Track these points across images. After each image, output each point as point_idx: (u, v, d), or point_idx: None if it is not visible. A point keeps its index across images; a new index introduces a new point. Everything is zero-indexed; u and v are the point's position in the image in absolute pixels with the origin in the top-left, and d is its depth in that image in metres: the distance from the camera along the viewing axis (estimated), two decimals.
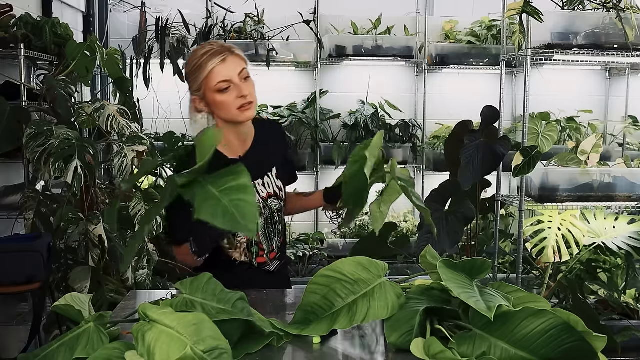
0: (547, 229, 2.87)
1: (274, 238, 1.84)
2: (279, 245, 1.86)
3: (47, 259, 2.41)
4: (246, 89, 1.66)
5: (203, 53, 1.65)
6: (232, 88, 1.65)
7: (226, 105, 1.66)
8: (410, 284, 1.41)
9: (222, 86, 1.64)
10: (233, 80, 1.65)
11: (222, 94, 1.65)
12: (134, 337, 1.12)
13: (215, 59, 1.63)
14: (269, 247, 1.83)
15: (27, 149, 2.37)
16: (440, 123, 4.43)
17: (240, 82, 1.66)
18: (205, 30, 4.01)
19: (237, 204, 1.14)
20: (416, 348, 1.18)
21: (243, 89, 1.65)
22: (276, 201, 1.83)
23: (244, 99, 1.65)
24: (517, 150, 2.82)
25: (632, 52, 2.87)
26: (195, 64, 1.66)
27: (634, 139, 4.50)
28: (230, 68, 1.65)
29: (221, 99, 1.66)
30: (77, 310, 1.28)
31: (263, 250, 1.82)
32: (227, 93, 1.65)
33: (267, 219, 1.81)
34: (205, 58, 1.64)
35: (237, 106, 1.66)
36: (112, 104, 2.64)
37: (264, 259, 1.82)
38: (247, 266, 1.80)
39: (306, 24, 4.14)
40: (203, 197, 1.17)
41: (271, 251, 1.84)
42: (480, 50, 4.32)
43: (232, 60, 1.66)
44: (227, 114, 1.68)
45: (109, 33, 4.32)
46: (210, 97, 1.67)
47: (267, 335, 1.27)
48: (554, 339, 1.09)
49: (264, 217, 1.80)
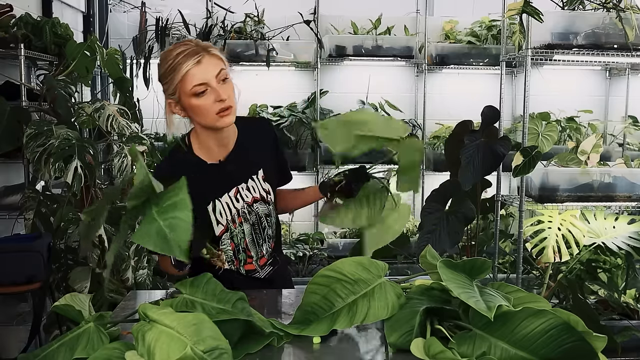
0: (547, 229, 2.87)
1: (263, 244, 1.76)
2: (269, 251, 1.78)
3: (47, 259, 2.41)
4: (224, 92, 1.54)
5: (177, 53, 1.52)
6: (209, 91, 1.53)
7: (203, 109, 1.54)
8: (410, 284, 1.41)
9: (198, 89, 1.52)
10: (210, 84, 1.53)
11: (199, 97, 1.53)
12: (134, 337, 1.12)
13: (190, 60, 1.50)
14: (257, 253, 1.75)
15: (27, 149, 2.37)
16: (440, 123, 4.43)
17: (217, 84, 1.53)
18: (205, 30, 4.02)
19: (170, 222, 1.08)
20: (416, 348, 1.18)
21: (221, 93, 1.53)
22: (263, 205, 1.73)
23: (222, 103, 1.53)
24: (517, 150, 2.82)
25: (632, 52, 2.87)
26: (169, 66, 1.53)
27: (634, 139, 4.50)
28: (207, 70, 1.52)
29: (197, 104, 1.54)
30: (77, 310, 1.28)
31: (251, 257, 1.74)
32: (203, 97, 1.53)
33: (253, 225, 1.73)
34: (179, 59, 1.51)
35: (215, 111, 1.54)
36: (112, 104, 2.64)
37: (253, 266, 1.75)
38: (235, 274, 1.73)
39: (306, 24, 4.14)
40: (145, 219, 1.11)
41: (260, 257, 1.76)
42: (480, 50, 4.32)
43: (209, 60, 1.53)
44: (205, 119, 1.57)
45: (109, 33, 4.32)
46: (186, 101, 1.55)
47: (267, 335, 1.27)
48: (554, 339, 1.09)
49: (250, 223, 1.72)
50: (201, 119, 1.58)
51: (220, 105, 1.54)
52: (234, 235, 1.70)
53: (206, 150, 1.66)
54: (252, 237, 1.73)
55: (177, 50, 1.54)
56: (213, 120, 1.56)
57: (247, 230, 1.72)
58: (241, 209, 1.69)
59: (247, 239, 1.72)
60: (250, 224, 1.72)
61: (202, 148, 1.66)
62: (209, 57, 1.54)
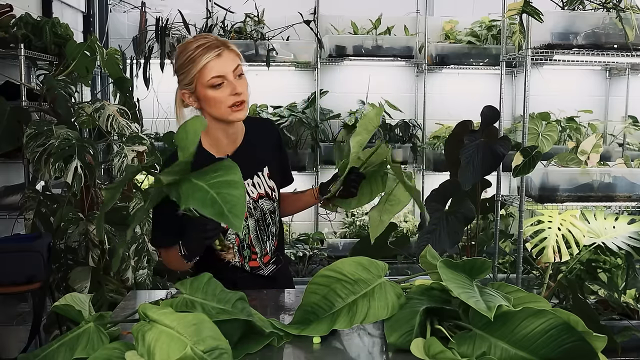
0: (547, 229, 2.87)
1: (267, 241, 1.78)
2: (273, 249, 1.80)
3: (47, 259, 2.41)
4: (240, 86, 1.60)
5: (197, 46, 1.58)
6: (226, 84, 1.59)
7: (218, 101, 1.59)
8: (410, 284, 1.41)
9: (215, 82, 1.58)
10: (227, 77, 1.59)
11: (215, 89, 1.59)
12: (134, 337, 1.12)
13: (210, 52, 1.56)
14: (261, 250, 1.77)
15: (27, 149, 2.37)
16: (440, 123, 4.43)
17: (234, 79, 1.59)
18: (205, 30, 4.02)
19: (224, 196, 1.13)
20: (416, 348, 1.18)
21: (237, 87, 1.59)
22: (268, 202, 1.76)
23: (237, 97, 1.59)
24: (517, 150, 2.82)
25: (632, 52, 2.87)
26: (187, 57, 1.58)
27: (634, 139, 4.50)
28: (226, 64, 1.58)
29: (213, 95, 1.59)
30: (77, 310, 1.28)
31: (255, 253, 1.76)
32: (220, 89, 1.59)
33: (258, 221, 1.75)
34: (199, 51, 1.57)
35: (229, 104, 1.59)
36: (112, 104, 2.64)
37: (257, 263, 1.77)
38: (240, 270, 1.75)
39: (306, 24, 4.14)
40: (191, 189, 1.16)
41: (264, 255, 1.78)
42: (480, 50, 4.32)
43: (228, 55, 1.59)
44: (218, 111, 1.61)
45: (109, 33, 4.32)
46: (202, 92, 1.60)
47: (267, 335, 1.27)
48: (554, 339, 1.09)
49: (255, 218, 1.74)
50: (214, 110, 1.62)
51: (235, 98, 1.59)
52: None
53: (215, 144, 1.70)
54: (256, 233, 1.75)
55: (197, 42, 1.59)
56: (226, 113, 1.61)
57: (252, 226, 1.74)
58: (247, 204, 1.69)
59: (252, 234, 1.75)
60: (255, 219, 1.74)
61: (211, 142, 1.69)
62: (228, 52, 1.60)
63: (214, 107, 1.61)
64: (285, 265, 1.89)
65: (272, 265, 1.81)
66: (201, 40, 1.60)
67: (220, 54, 1.57)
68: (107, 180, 3.13)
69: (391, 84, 4.60)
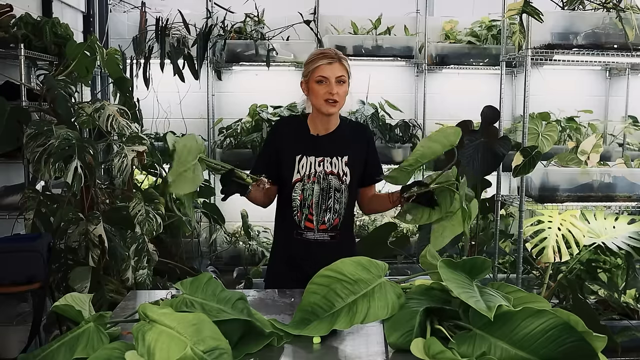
0: (547, 229, 2.87)
1: (327, 213, 2.12)
2: (332, 223, 2.13)
3: (47, 259, 2.41)
4: (337, 89, 2.07)
5: (319, 52, 2.12)
6: (327, 84, 2.07)
7: (317, 93, 2.08)
8: (410, 284, 1.41)
9: (319, 79, 2.08)
10: (330, 79, 2.07)
11: (318, 85, 2.08)
12: (134, 337, 1.12)
13: (325, 60, 2.07)
14: (318, 215, 2.12)
15: (27, 149, 2.37)
16: (440, 123, 4.42)
17: (334, 83, 2.07)
18: (205, 30, 4.01)
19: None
20: (416, 348, 1.18)
21: (334, 88, 2.06)
22: (337, 181, 2.13)
23: (331, 96, 2.06)
24: (517, 150, 2.82)
25: (632, 52, 2.87)
26: (311, 58, 2.12)
27: (634, 139, 4.50)
28: (333, 71, 2.07)
29: (315, 88, 2.08)
30: (77, 310, 1.28)
31: (312, 215, 2.12)
32: (321, 86, 2.08)
33: (322, 190, 2.12)
34: (319, 56, 2.09)
35: (324, 97, 2.06)
36: (112, 104, 2.64)
37: (312, 225, 2.13)
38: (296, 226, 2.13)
39: (306, 24, 4.14)
40: None
41: (321, 223, 2.13)
42: (480, 50, 4.32)
43: (337, 66, 2.08)
44: (316, 101, 2.10)
45: (109, 33, 4.32)
46: (311, 84, 2.10)
47: (267, 335, 1.27)
48: (554, 339, 1.09)
49: (321, 186, 2.12)
50: (313, 99, 2.12)
51: (329, 96, 2.07)
52: (305, 188, 2.13)
53: (313, 125, 2.19)
54: (318, 199, 2.12)
55: (321, 50, 2.15)
56: (320, 105, 2.10)
57: (316, 191, 2.12)
58: (318, 172, 2.13)
59: (314, 199, 2.12)
60: (320, 187, 2.13)
61: (312, 123, 2.19)
62: (339, 64, 2.09)
63: (313, 97, 2.11)
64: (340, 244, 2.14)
65: (324, 234, 2.13)
66: (325, 50, 2.14)
67: (332, 63, 2.08)
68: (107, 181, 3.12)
69: (391, 84, 4.60)
